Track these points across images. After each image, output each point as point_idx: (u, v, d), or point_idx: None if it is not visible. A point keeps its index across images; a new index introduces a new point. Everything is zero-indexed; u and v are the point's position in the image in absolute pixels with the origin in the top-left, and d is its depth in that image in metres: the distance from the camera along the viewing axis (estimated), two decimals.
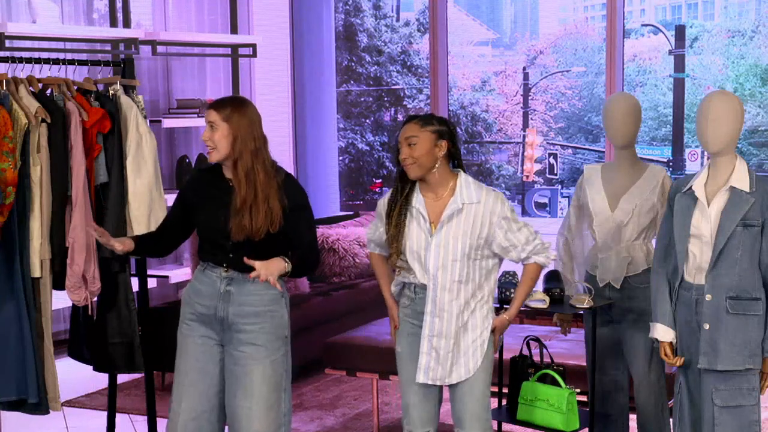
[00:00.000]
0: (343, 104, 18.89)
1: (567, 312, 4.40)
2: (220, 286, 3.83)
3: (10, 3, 5.86)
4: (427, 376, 3.86)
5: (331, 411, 5.83)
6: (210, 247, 3.86)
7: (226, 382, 3.89)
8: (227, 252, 3.81)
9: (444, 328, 3.82)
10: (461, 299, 3.82)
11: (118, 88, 4.71)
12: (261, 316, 3.84)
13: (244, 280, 3.80)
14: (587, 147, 22.60)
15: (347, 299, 6.76)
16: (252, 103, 3.88)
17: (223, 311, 3.83)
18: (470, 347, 3.84)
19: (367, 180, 19.74)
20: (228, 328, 3.85)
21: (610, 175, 4.36)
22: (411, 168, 3.80)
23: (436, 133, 3.80)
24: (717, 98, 3.71)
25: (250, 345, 3.84)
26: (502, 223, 3.79)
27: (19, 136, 4.30)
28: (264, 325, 3.84)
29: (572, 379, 4.42)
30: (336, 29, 9.81)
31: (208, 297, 3.85)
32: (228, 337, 3.86)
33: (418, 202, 3.85)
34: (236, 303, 3.82)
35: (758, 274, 3.66)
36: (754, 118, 20.76)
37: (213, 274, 3.85)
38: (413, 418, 3.95)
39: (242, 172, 3.74)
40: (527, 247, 3.81)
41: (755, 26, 22.13)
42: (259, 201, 3.73)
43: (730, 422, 3.67)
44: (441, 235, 3.80)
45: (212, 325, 3.86)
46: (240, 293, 3.82)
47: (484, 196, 3.82)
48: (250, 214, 3.71)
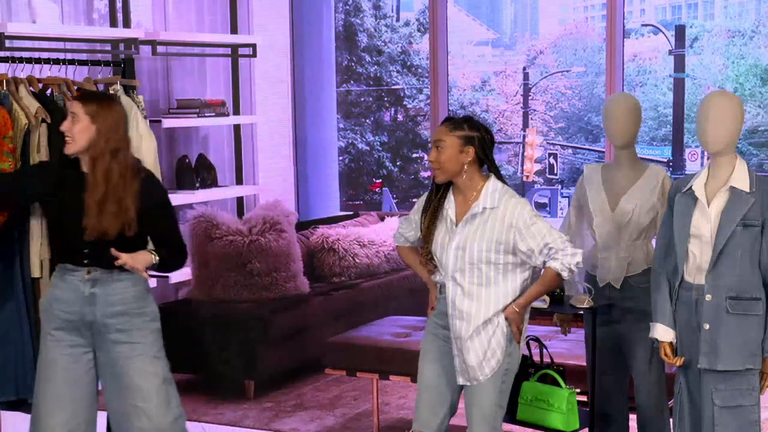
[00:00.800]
0: (343, 104, 18.90)
1: (567, 312, 4.40)
2: (84, 290, 3.75)
3: (10, 3, 5.85)
4: (465, 378, 3.84)
5: (331, 411, 5.83)
6: (67, 246, 3.76)
7: (108, 387, 3.82)
8: (84, 251, 3.73)
9: (464, 329, 3.79)
10: (482, 302, 3.79)
11: (118, 88, 4.72)
12: (130, 314, 3.80)
13: (109, 279, 3.74)
14: (587, 147, 22.59)
15: (347, 299, 6.76)
16: (121, 104, 3.86)
17: (91, 314, 3.76)
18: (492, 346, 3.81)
19: (367, 180, 19.74)
20: (98, 331, 3.78)
21: (610, 175, 4.36)
22: (436, 172, 3.82)
23: (463, 139, 3.78)
24: (717, 98, 3.71)
25: (125, 344, 3.79)
26: (520, 227, 3.75)
27: (19, 136, 4.30)
28: (135, 322, 3.80)
29: (572, 379, 4.41)
30: (336, 29, 9.82)
31: (72, 303, 3.76)
32: (100, 340, 3.80)
33: (449, 204, 3.87)
34: (103, 304, 3.76)
35: (758, 274, 3.66)
36: (754, 118, 20.74)
37: (74, 278, 3.76)
38: (421, 417, 3.93)
39: (99, 170, 3.69)
40: (544, 251, 3.76)
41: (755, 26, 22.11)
42: (109, 201, 3.66)
43: (730, 422, 3.67)
44: (460, 237, 3.80)
45: (80, 331, 3.78)
46: (106, 294, 3.75)
47: (504, 202, 3.79)
48: (100, 213, 3.65)
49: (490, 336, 3.79)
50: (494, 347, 3.80)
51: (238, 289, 6.31)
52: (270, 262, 6.35)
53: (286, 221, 6.51)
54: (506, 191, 3.82)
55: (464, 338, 3.79)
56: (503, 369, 3.83)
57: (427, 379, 3.93)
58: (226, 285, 6.31)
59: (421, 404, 3.94)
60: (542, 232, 3.75)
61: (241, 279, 6.30)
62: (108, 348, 3.79)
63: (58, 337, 3.79)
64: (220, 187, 7.06)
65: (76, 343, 3.79)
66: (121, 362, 3.79)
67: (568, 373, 4.38)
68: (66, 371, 3.78)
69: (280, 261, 6.38)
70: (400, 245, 4.12)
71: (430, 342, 3.95)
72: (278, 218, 6.47)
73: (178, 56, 6.97)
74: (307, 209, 8.04)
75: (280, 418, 5.73)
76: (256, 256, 6.31)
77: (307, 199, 8.09)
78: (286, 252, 6.43)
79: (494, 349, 3.80)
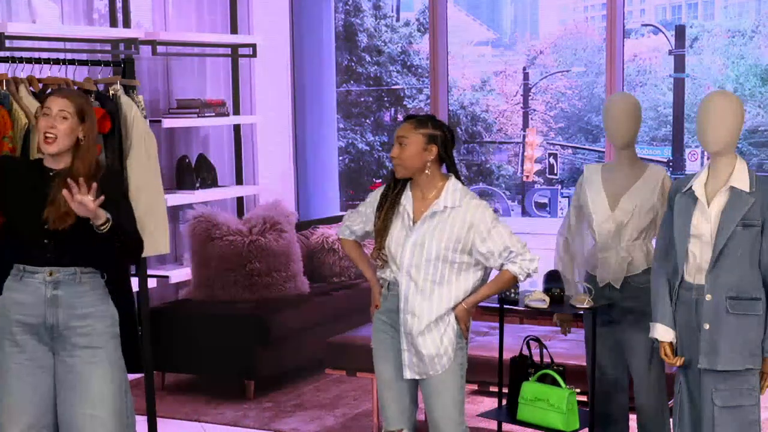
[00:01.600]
0: (343, 104, 18.89)
1: (567, 312, 4.41)
2: (46, 292, 3.66)
3: (10, 3, 5.85)
4: (413, 372, 3.89)
5: (331, 411, 5.83)
6: (26, 245, 3.66)
7: (61, 392, 3.70)
8: (45, 248, 3.64)
9: (416, 326, 3.84)
10: (434, 299, 3.83)
11: (118, 88, 4.72)
12: (92, 317, 3.70)
13: (71, 281, 3.67)
14: (587, 147, 22.60)
15: (347, 299, 6.76)
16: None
17: (53, 317, 3.67)
18: (444, 344, 3.85)
19: (367, 180, 19.73)
20: (60, 334, 3.69)
21: (610, 175, 4.36)
22: (397, 168, 3.88)
23: (427, 137, 3.84)
24: (717, 98, 3.71)
25: (86, 348, 3.69)
26: (481, 228, 3.81)
27: (20, 136, 4.30)
28: (96, 326, 3.71)
29: (572, 379, 4.41)
30: (336, 29, 9.81)
31: (32, 306, 3.67)
32: (60, 343, 3.69)
33: (406, 200, 3.90)
34: (66, 306, 3.67)
35: (758, 274, 3.66)
36: (754, 118, 20.75)
37: (34, 280, 3.67)
38: (388, 415, 3.99)
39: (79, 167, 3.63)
40: (504, 254, 3.83)
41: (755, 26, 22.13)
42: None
43: (730, 422, 3.67)
44: (418, 233, 3.84)
45: (40, 335, 3.69)
46: (68, 296, 3.67)
47: (466, 202, 3.85)
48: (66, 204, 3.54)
49: (442, 334, 3.85)
50: (446, 344, 3.86)
51: (238, 289, 6.31)
52: (270, 262, 6.35)
53: (286, 221, 6.51)
54: (467, 192, 3.89)
55: (415, 334, 3.84)
56: (458, 364, 3.90)
57: (385, 377, 3.99)
58: (226, 285, 6.31)
59: (385, 403, 4.00)
60: (503, 235, 3.82)
61: (241, 279, 6.30)
62: (68, 352, 3.69)
63: (16, 341, 3.68)
64: (220, 187, 7.06)
65: (36, 349, 3.69)
66: (79, 368, 3.68)
67: (568, 373, 4.39)
68: (28, 375, 3.68)
69: (280, 261, 6.38)
70: (344, 238, 4.16)
71: (380, 341, 4.00)
72: (278, 218, 6.47)
73: (178, 56, 6.97)
74: (307, 209, 8.03)
75: (280, 418, 5.73)
76: (256, 256, 6.31)
77: (307, 199, 8.09)
78: (286, 252, 6.43)
79: (446, 346, 3.86)
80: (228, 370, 6.15)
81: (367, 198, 4.08)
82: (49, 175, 3.68)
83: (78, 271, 3.69)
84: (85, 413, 3.68)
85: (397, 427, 3.99)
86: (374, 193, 4.03)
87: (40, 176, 3.69)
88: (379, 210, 3.95)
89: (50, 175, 3.67)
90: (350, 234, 4.13)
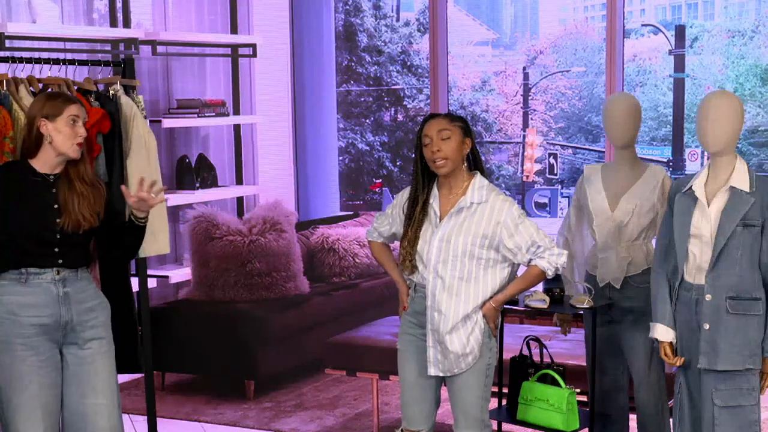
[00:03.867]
0: (343, 104, 18.90)
1: (567, 312, 4.40)
2: (57, 290, 3.73)
3: (10, 3, 5.85)
4: (437, 369, 3.89)
5: (331, 411, 5.83)
6: (34, 248, 3.70)
7: (72, 385, 3.78)
8: (54, 249, 3.70)
9: (443, 324, 3.84)
10: (461, 297, 3.83)
11: (118, 88, 4.71)
12: (97, 310, 3.83)
13: (74, 278, 3.76)
14: (587, 147, 22.61)
15: (347, 299, 6.76)
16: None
17: (67, 314, 3.74)
18: (471, 343, 3.85)
19: (367, 180, 19.75)
20: (72, 329, 3.77)
21: (610, 175, 4.36)
22: (443, 164, 3.82)
23: (463, 130, 3.84)
24: (717, 98, 3.71)
25: (95, 340, 3.80)
26: (508, 224, 3.80)
27: (20, 136, 4.30)
28: (101, 318, 3.84)
29: (572, 379, 4.41)
30: (336, 29, 9.81)
31: (45, 306, 3.71)
32: (72, 338, 3.78)
33: (434, 198, 3.90)
34: (76, 302, 3.76)
35: (758, 274, 3.66)
36: (754, 118, 20.75)
37: (41, 280, 3.71)
38: (408, 415, 4.00)
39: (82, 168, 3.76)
40: (532, 249, 3.81)
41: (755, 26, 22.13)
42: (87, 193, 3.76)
43: (730, 422, 3.67)
44: (445, 229, 3.84)
45: (52, 333, 3.74)
46: (75, 292, 3.76)
47: (492, 198, 3.84)
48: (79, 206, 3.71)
49: (469, 333, 3.84)
50: (473, 343, 3.85)
51: (238, 289, 6.31)
52: (270, 262, 6.35)
53: (286, 221, 6.51)
54: (493, 188, 3.88)
55: (442, 332, 3.84)
56: (485, 364, 3.90)
57: (408, 377, 3.99)
58: (226, 285, 6.31)
59: (406, 403, 4.00)
60: (530, 230, 3.81)
61: (241, 279, 6.30)
62: (79, 346, 3.77)
63: (29, 345, 3.70)
64: (220, 187, 7.06)
65: (47, 347, 3.73)
66: (89, 359, 3.78)
67: (568, 373, 4.39)
68: (40, 379, 3.71)
69: (280, 261, 6.38)
70: (372, 240, 4.16)
71: (406, 342, 4.00)
72: (278, 218, 6.47)
73: (178, 56, 6.97)
74: (307, 209, 8.04)
75: (280, 418, 5.73)
76: (256, 256, 6.31)
77: (307, 199, 8.09)
78: (286, 252, 6.43)
79: (473, 345, 3.85)
80: (228, 370, 6.15)
81: (394, 199, 4.06)
82: (49, 180, 3.73)
83: (80, 267, 3.78)
84: (96, 403, 3.78)
85: (417, 427, 3.99)
86: (400, 195, 4.01)
87: (38, 182, 3.72)
88: (409, 218, 3.92)
89: (51, 181, 3.73)
90: (378, 236, 4.13)
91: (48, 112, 3.70)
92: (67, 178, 3.73)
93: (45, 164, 3.73)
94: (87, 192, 3.74)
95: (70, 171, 3.75)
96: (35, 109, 3.74)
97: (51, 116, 3.70)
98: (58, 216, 3.70)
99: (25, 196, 3.70)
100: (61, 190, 3.72)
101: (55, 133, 3.69)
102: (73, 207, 3.69)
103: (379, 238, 4.13)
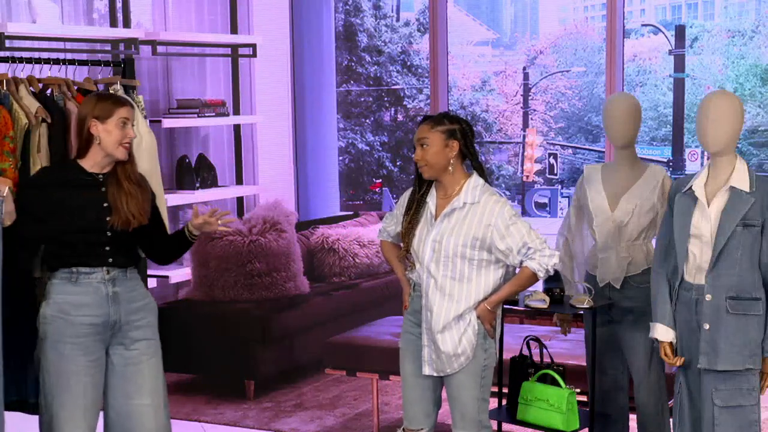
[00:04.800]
0: (343, 104, 18.90)
1: (567, 312, 4.40)
2: (107, 290, 3.75)
3: (10, 3, 5.86)
4: (431, 368, 3.90)
5: (331, 411, 5.83)
6: (85, 247, 3.73)
7: (118, 385, 3.82)
8: (105, 248, 3.74)
9: (434, 322, 3.85)
10: (454, 296, 3.84)
11: (118, 88, 4.72)
12: (145, 310, 3.86)
13: (123, 277, 3.79)
14: (587, 147, 22.61)
15: (347, 299, 6.76)
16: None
17: (116, 314, 3.77)
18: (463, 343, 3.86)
19: (367, 180, 19.75)
20: (120, 329, 3.80)
21: (610, 175, 4.36)
22: (423, 170, 3.89)
23: (446, 133, 3.84)
24: (717, 98, 3.71)
25: (142, 341, 3.84)
26: (499, 225, 3.81)
27: (20, 136, 4.30)
28: (149, 318, 3.88)
29: (572, 379, 4.41)
30: (336, 29, 9.81)
31: (95, 306, 3.74)
32: (119, 338, 3.81)
33: (431, 198, 3.93)
34: (125, 302, 3.79)
35: (758, 274, 3.66)
36: (754, 118, 20.76)
37: (91, 280, 3.74)
38: (409, 414, 4.02)
39: (129, 167, 3.81)
40: (522, 250, 3.82)
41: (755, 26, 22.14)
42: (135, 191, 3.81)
43: (730, 422, 3.67)
44: (438, 230, 3.86)
45: (101, 333, 3.76)
46: (124, 291, 3.79)
47: (485, 199, 3.85)
48: (128, 204, 3.75)
49: (461, 334, 3.85)
50: (465, 344, 3.86)
51: (238, 289, 6.30)
52: (270, 262, 6.34)
53: (286, 221, 6.51)
54: (487, 188, 3.88)
55: (435, 331, 3.85)
56: (480, 365, 3.90)
57: (409, 377, 4.01)
58: (226, 285, 6.30)
59: (407, 402, 4.02)
60: (521, 232, 3.82)
61: (241, 279, 6.30)
62: (125, 346, 3.81)
63: (79, 344, 3.73)
64: (220, 187, 7.06)
65: (96, 348, 3.77)
66: (136, 359, 3.82)
67: (568, 373, 4.38)
68: (87, 378, 3.74)
69: (280, 261, 6.38)
70: (383, 239, 4.20)
71: (407, 341, 4.03)
72: (278, 218, 6.47)
73: (178, 56, 6.97)
74: (307, 209, 8.04)
75: (280, 418, 5.73)
76: (256, 256, 6.31)
77: (307, 199, 8.09)
78: (286, 252, 6.43)
79: (465, 346, 3.86)
80: (228, 370, 6.15)
81: (400, 199, 4.10)
82: (98, 180, 3.77)
83: (127, 267, 3.82)
84: (143, 403, 3.82)
85: (417, 426, 4.00)
86: (404, 195, 4.07)
87: (88, 182, 3.76)
88: (407, 213, 3.98)
89: (100, 180, 3.77)
90: (387, 236, 4.17)
91: (99, 114, 3.73)
92: (115, 177, 3.77)
93: (94, 164, 3.77)
94: (135, 191, 3.78)
95: (118, 170, 3.79)
96: (86, 110, 3.76)
97: (101, 117, 3.73)
98: (108, 214, 3.73)
99: (75, 195, 3.74)
100: (111, 189, 3.76)
101: (105, 135, 3.72)
102: (122, 205, 3.73)
103: (388, 238, 4.17)
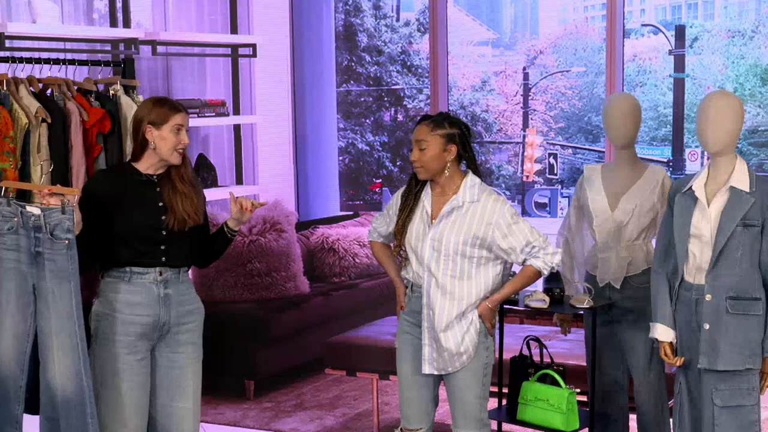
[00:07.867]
0: (343, 104, 18.90)
1: (567, 312, 4.40)
2: (159, 291, 3.78)
3: (10, 3, 5.85)
4: (432, 367, 3.91)
5: (331, 411, 5.83)
6: (140, 247, 3.75)
7: (161, 386, 3.87)
8: (160, 248, 3.77)
9: (437, 321, 3.85)
10: (456, 294, 3.85)
11: (118, 88, 4.72)
12: (194, 314, 3.90)
13: (176, 279, 3.82)
14: (587, 147, 22.61)
15: (347, 299, 6.76)
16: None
17: (166, 316, 3.79)
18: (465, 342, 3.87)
19: (367, 180, 19.75)
20: (168, 331, 3.82)
21: (610, 175, 4.36)
22: (419, 171, 3.89)
23: (446, 137, 3.84)
24: (717, 98, 3.71)
25: (189, 345, 3.88)
26: (501, 225, 3.81)
27: (20, 136, 4.30)
28: (197, 323, 3.91)
29: (572, 379, 4.41)
30: (336, 29, 9.82)
31: (147, 306, 3.77)
32: (166, 340, 3.84)
33: (426, 197, 3.93)
34: (176, 304, 3.81)
35: (758, 274, 3.66)
36: (754, 118, 20.76)
37: (144, 280, 3.77)
38: (407, 413, 4.02)
39: (183, 169, 3.84)
40: (526, 249, 3.83)
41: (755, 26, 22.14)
42: (189, 192, 3.85)
43: (730, 422, 3.67)
44: (437, 229, 3.86)
45: (149, 334, 3.79)
46: (177, 294, 3.82)
47: (484, 197, 3.85)
48: (182, 204, 3.79)
49: (464, 332, 3.86)
50: (467, 343, 3.87)
51: (238, 289, 6.31)
52: (270, 262, 6.35)
53: (286, 221, 6.51)
54: (485, 188, 3.90)
55: (438, 330, 3.86)
56: (482, 363, 3.92)
57: (406, 377, 4.01)
58: (225, 285, 6.31)
59: (405, 401, 4.02)
60: (524, 230, 3.83)
61: (241, 279, 6.30)
62: (172, 348, 3.84)
63: (128, 343, 3.75)
64: (220, 187, 7.06)
65: (143, 347, 3.79)
66: (181, 363, 3.85)
67: (568, 373, 4.38)
68: (132, 377, 3.76)
69: (280, 261, 6.38)
70: (372, 240, 4.20)
71: (403, 341, 4.03)
72: (278, 218, 6.47)
73: (178, 56, 6.97)
74: (307, 209, 8.04)
75: (280, 418, 5.73)
76: (256, 256, 6.31)
77: (307, 199, 8.09)
78: (286, 252, 6.43)
79: (467, 344, 3.87)
80: (228, 370, 6.15)
81: (391, 199, 4.09)
82: (153, 180, 3.80)
83: (180, 269, 3.84)
84: (185, 407, 3.90)
85: (415, 426, 4.01)
86: (396, 195, 4.06)
87: (143, 182, 3.80)
88: (401, 211, 3.97)
89: (155, 180, 3.80)
90: (377, 236, 4.16)
91: (154, 119, 3.76)
92: (169, 178, 3.81)
93: (149, 167, 3.81)
94: (189, 191, 3.82)
95: (171, 172, 3.82)
96: (142, 114, 3.79)
97: (157, 123, 3.75)
98: (164, 214, 3.77)
99: (131, 196, 3.77)
100: (165, 190, 3.79)
101: (159, 140, 3.75)
102: (177, 205, 3.77)
103: (378, 238, 4.16)
